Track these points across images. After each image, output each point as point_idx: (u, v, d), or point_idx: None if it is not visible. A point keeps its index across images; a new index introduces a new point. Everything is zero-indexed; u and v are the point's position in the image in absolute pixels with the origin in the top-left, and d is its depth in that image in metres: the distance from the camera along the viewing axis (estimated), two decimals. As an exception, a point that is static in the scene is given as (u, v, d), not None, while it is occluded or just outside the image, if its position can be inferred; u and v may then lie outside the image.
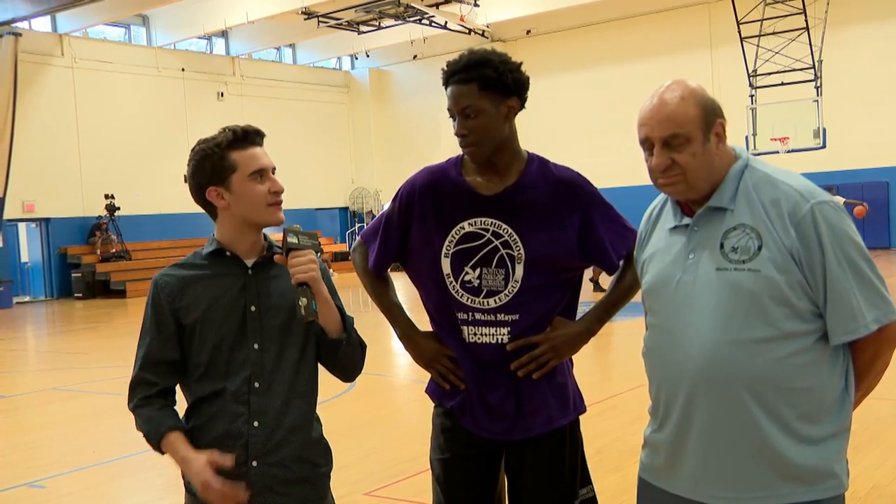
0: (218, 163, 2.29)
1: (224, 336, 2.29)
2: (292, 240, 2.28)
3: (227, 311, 2.30)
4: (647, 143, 2.07)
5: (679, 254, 2.10)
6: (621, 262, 2.64)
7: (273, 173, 2.36)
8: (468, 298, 2.56)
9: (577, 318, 2.67)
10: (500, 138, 2.52)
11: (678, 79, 2.07)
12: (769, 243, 1.97)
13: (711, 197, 2.06)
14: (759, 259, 1.96)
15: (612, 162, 23.59)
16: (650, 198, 2.24)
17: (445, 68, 2.52)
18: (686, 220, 2.11)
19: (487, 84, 2.45)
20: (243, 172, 2.29)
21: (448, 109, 2.51)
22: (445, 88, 2.52)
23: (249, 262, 2.35)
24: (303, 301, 2.23)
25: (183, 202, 2.79)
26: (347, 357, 2.38)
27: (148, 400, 2.33)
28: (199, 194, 2.35)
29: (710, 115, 2.04)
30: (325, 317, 2.31)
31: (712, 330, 1.99)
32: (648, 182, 2.10)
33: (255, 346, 2.29)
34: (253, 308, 2.31)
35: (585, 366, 6.02)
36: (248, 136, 2.32)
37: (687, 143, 2.02)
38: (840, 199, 17.52)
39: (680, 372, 2.05)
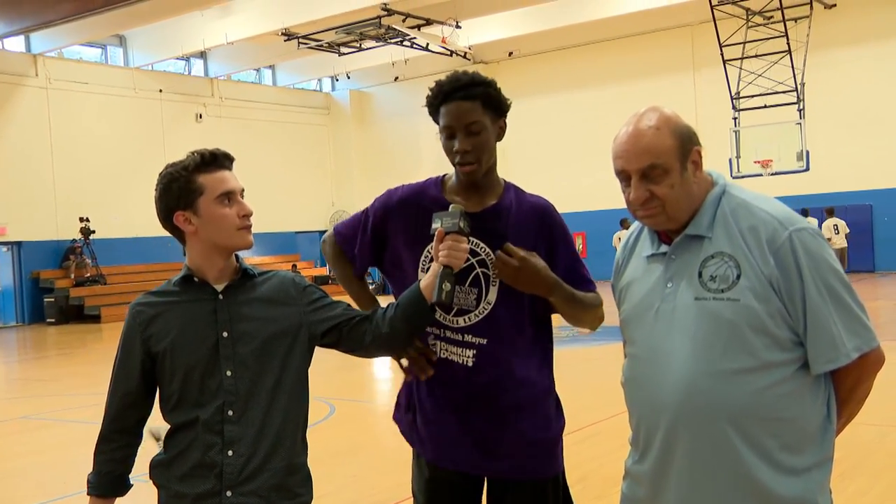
0: (185, 186, 2.29)
1: (195, 363, 2.28)
2: (463, 225, 2.37)
3: (197, 337, 2.29)
4: (623, 175, 2.07)
5: (657, 282, 2.10)
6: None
7: (242, 196, 2.35)
8: (439, 314, 2.55)
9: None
10: (493, 158, 2.56)
11: (653, 106, 2.07)
12: (748, 272, 1.97)
13: (689, 225, 2.07)
14: (737, 288, 1.97)
15: (593, 184, 23.73)
16: (631, 222, 2.24)
17: (440, 87, 2.53)
18: (664, 248, 2.12)
19: (489, 102, 2.50)
20: (210, 196, 2.29)
21: (445, 127, 2.50)
22: (438, 108, 2.52)
23: (219, 287, 2.34)
24: (446, 286, 2.32)
25: (160, 226, 2.81)
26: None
27: (110, 453, 2.40)
28: (166, 219, 2.35)
29: (686, 144, 2.05)
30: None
31: (691, 360, 1.99)
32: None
33: (228, 373, 2.28)
34: (225, 334, 2.30)
35: (567, 391, 6.00)
36: (216, 159, 2.32)
37: (664, 174, 2.02)
38: (814, 221, 17.64)
39: (660, 403, 2.04)
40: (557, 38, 27.19)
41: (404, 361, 2.60)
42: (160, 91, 26.68)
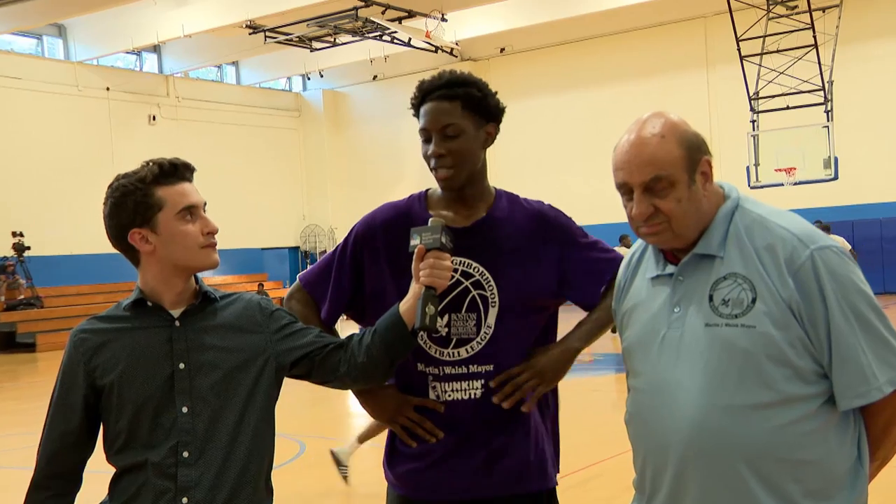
0: (141, 201, 2.29)
1: (147, 398, 2.27)
2: (445, 240, 2.37)
3: (149, 369, 2.29)
4: (624, 189, 2.09)
5: (663, 307, 2.12)
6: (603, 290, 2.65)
7: (204, 211, 2.36)
8: (436, 350, 2.56)
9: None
10: (476, 166, 2.57)
11: (657, 111, 2.09)
12: (764, 295, 1.98)
13: (698, 243, 2.08)
14: (753, 313, 1.98)
15: (594, 195, 23.72)
16: (635, 237, 2.26)
17: (420, 86, 2.56)
18: (670, 269, 2.13)
19: (471, 104, 2.52)
20: (171, 211, 2.30)
21: (422, 130, 2.54)
22: (418, 108, 2.56)
23: (176, 313, 2.34)
24: (430, 309, 2.31)
25: (107, 241, 2.81)
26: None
27: (44, 503, 2.35)
28: (119, 237, 2.34)
29: (694, 153, 2.06)
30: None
31: (702, 394, 2.00)
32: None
33: (184, 409, 2.27)
34: (181, 365, 2.29)
35: (564, 428, 6.01)
36: (177, 170, 2.33)
37: (670, 187, 2.03)
38: (840, 239, 17.59)
39: (667, 442, 2.05)
40: (554, 32, 27.32)
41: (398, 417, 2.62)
42: (107, 89, 26.61)
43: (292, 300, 2.76)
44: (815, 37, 19.76)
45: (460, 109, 2.51)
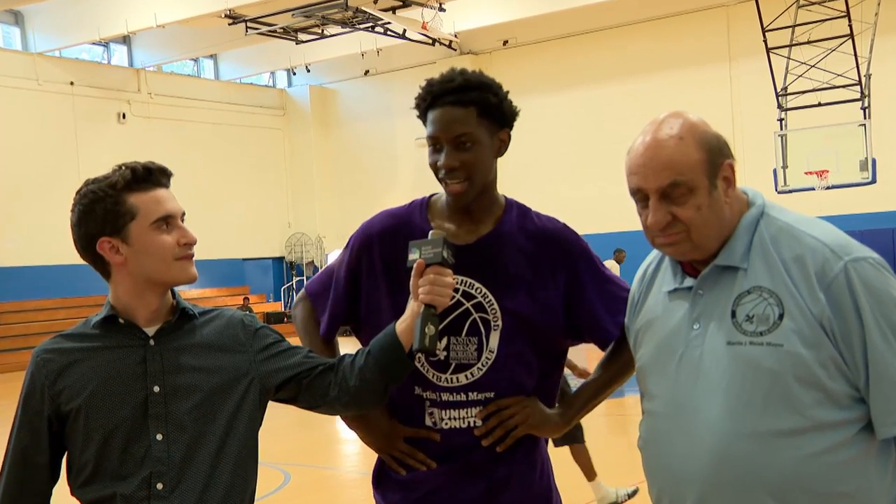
0: (112, 208, 2.30)
1: (117, 425, 2.28)
2: (447, 255, 2.37)
3: (120, 393, 2.29)
4: (639, 195, 2.09)
5: (681, 323, 2.12)
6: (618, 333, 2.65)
7: (182, 220, 2.37)
8: (434, 375, 2.57)
9: (556, 392, 2.71)
10: (489, 177, 2.57)
11: (675, 111, 2.10)
12: (792, 311, 1.99)
13: (719, 254, 2.09)
14: (780, 331, 1.98)
15: (606, 200, 23.67)
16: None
17: (429, 87, 2.54)
18: (689, 282, 2.14)
19: (488, 111, 2.51)
20: (145, 220, 2.31)
21: (431, 137, 2.52)
22: (425, 111, 2.54)
23: (151, 331, 2.35)
24: (429, 329, 2.31)
25: (72, 251, 2.82)
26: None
27: None
28: (87, 247, 2.35)
29: (715, 156, 2.07)
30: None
31: (725, 419, 2.01)
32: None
33: (159, 436, 2.28)
34: (156, 388, 2.30)
35: (570, 454, 5.99)
36: (151, 176, 2.34)
37: (689, 193, 2.04)
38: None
39: (686, 472, 2.05)
40: (562, 23, 27.30)
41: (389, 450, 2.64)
42: (71, 84, 26.52)
43: (297, 308, 2.83)
44: (850, 26, 19.60)
45: (475, 117, 2.49)
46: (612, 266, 17.22)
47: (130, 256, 2.32)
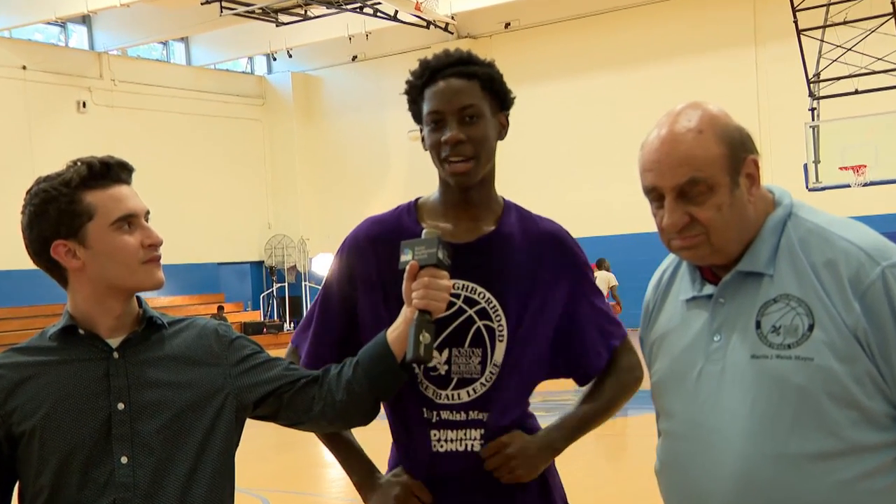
0: (67, 208, 2.30)
1: (76, 447, 2.27)
2: (442, 255, 2.35)
3: (80, 411, 2.29)
4: (654, 194, 2.10)
5: (700, 335, 2.13)
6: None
7: (147, 219, 2.37)
8: (433, 392, 2.56)
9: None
10: (492, 163, 2.58)
11: (693, 102, 2.10)
12: (824, 321, 1.99)
13: (742, 258, 2.09)
14: (810, 343, 1.99)
15: (615, 199, 23.68)
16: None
17: (425, 64, 2.55)
18: (708, 290, 2.14)
19: (491, 85, 2.54)
20: (104, 220, 2.31)
21: (432, 112, 2.51)
22: (422, 90, 2.55)
23: (115, 342, 2.34)
24: (424, 337, 2.29)
25: (24, 256, 2.81)
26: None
27: None
28: (40, 252, 2.35)
29: (738, 152, 2.07)
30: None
31: (749, 440, 2.01)
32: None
33: (124, 459, 2.27)
34: (120, 406, 2.30)
35: (579, 479, 6.01)
36: (110, 171, 2.34)
37: (709, 191, 2.04)
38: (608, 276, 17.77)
39: (707, 497, 2.05)
40: (570, 3, 27.38)
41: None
42: (23, 68, 26.47)
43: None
44: (893, 2, 19.58)
45: (479, 90, 2.51)
46: (599, 276, 17.38)
47: (89, 260, 2.31)
